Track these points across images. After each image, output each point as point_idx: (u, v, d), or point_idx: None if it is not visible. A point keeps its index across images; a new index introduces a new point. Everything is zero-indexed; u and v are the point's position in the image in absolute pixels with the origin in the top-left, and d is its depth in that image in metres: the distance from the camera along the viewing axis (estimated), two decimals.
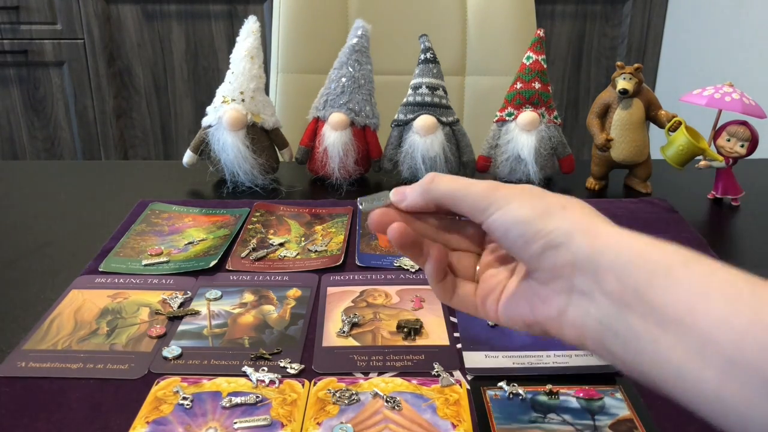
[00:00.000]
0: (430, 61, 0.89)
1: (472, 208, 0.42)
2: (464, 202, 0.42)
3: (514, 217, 0.40)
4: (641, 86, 0.86)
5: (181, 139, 2.25)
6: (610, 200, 0.86)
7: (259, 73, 0.89)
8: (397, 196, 0.45)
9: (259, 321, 0.61)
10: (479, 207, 0.41)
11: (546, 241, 0.39)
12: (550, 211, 0.40)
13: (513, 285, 0.43)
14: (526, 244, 0.40)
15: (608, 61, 2.21)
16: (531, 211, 0.40)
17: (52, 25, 2.07)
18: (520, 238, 0.40)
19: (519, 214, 0.40)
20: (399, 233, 0.43)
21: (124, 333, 0.59)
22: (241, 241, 0.75)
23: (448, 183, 0.43)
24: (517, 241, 0.40)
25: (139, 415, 0.49)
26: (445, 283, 0.46)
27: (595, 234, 0.38)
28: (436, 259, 0.45)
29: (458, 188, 0.42)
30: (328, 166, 0.89)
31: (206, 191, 0.90)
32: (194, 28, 2.11)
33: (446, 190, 0.43)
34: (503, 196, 0.41)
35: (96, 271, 0.68)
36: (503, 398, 0.51)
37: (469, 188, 0.42)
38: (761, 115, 0.81)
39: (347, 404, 0.50)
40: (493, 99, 1.18)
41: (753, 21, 1.68)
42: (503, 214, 0.40)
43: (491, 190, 0.41)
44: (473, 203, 0.42)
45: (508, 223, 0.40)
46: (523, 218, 0.40)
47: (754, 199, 0.87)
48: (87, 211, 0.84)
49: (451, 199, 0.43)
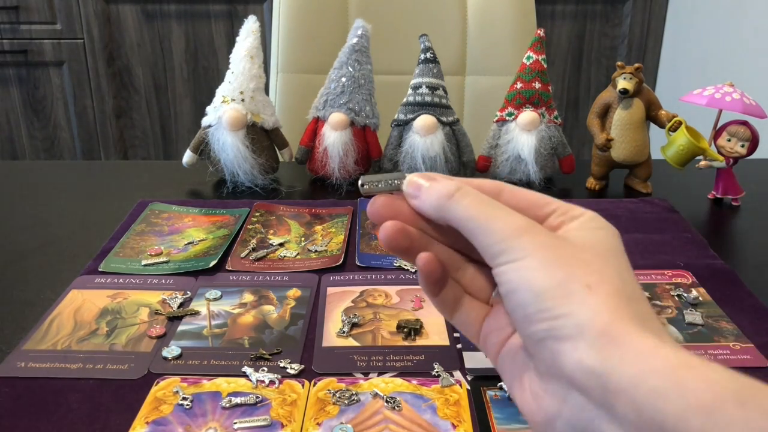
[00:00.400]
0: (430, 61, 0.89)
1: (484, 248, 0.33)
2: (478, 238, 0.33)
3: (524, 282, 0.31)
4: (641, 86, 0.86)
5: (181, 139, 2.25)
6: (610, 200, 0.86)
7: (259, 73, 0.89)
8: (411, 188, 0.36)
9: (259, 321, 0.61)
10: (491, 251, 0.33)
11: (549, 326, 0.30)
12: (568, 287, 0.30)
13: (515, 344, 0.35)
14: (525, 320, 0.31)
15: (608, 61, 2.21)
16: (545, 280, 0.31)
17: (52, 25, 2.07)
18: (522, 309, 0.31)
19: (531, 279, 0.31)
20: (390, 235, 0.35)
21: (123, 333, 0.59)
22: (241, 241, 0.75)
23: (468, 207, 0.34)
24: (517, 312, 0.32)
25: (139, 416, 0.49)
26: (445, 297, 0.37)
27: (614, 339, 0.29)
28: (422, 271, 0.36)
29: (477, 217, 0.33)
30: (328, 166, 0.89)
31: (206, 191, 0.90)
32: (194, 28, 2.11)
33: (463, 216, 0.34)
34: (523, 247, 0.32)
35: (96, 271, 0.68)
36: (503, 398, 0.51)
37: (489, 223, 0.33)
38: (761, 115, 0.81)
39: (347, 404, 0.50)
40: (493, 99, 1.19)
41: (753, 21, 1.68)
42: (511, 270, 0.32)
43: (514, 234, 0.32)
44: (487, 243, 0.33)
45: (515, 285, 0.32)
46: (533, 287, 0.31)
47: (754, 199, 0.87)
48: (87, 211, 0.84)
49: (466, 229, 0.34)
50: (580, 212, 0.35)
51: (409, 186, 0.36)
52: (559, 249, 0.32)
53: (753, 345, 0.57)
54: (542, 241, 0.32)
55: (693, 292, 0.63)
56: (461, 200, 0.34)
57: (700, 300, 0.63)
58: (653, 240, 0.75)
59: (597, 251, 0.33)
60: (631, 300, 0.31)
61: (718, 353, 0.56)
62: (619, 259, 0.33)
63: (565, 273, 0.31)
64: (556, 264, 0.31)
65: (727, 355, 0.55)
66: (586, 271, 0.31)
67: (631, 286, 0.32)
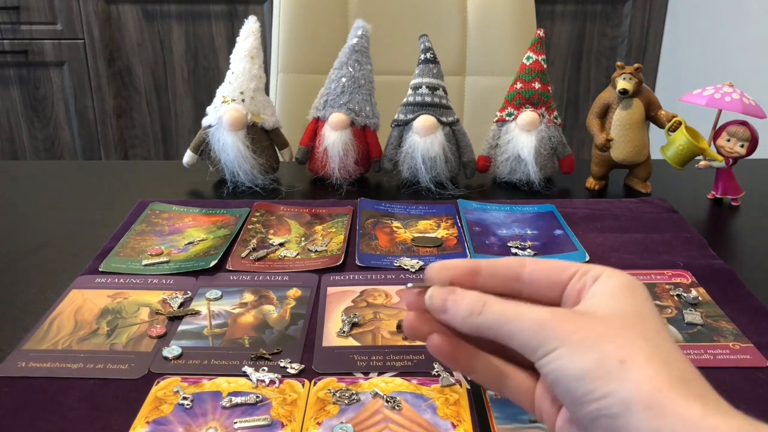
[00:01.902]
0: (430, 61, 0.89)
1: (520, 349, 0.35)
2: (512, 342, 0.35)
3: (562, 371, 0.33)
4: (641, 86, 0.86)
5: (181, 139, 2.25)
6: (610, 200, 0.86)
7: (259, 73, 0.89)
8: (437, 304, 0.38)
9: (259, 321, 0.61)
10: (526, 349, 0.35)
11: (597, 407, 0.32)
12: (605, 367, 0.32)
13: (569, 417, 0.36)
14: (575, 403, 0.33)
15: (608, 61, 2.21)
16: (582, 365, 0.32)
17: (52, 25, 2.07)
18: (569, 395, 0.33)
19: (568, 367, 0.33)
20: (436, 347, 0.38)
21: (124, 333, 0.59)
22: (241, 241, 0.75)
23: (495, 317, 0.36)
24: (566, 398, 0.34)
25: (139, 415, 0.49)
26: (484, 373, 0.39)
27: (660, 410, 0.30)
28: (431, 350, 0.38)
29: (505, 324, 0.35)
30: (328, 166, 0.89)
31: (206, 191, 0.90)
32: (194, 28, 2.11)
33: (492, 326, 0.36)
34: (555, 336, 0.34)
35: (96, 271, 0.68)
36: (503, 398, 0.51)
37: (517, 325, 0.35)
38: (761, 115, 0.81)
39: (347, 404, 0.50)
40: (493, 99, 1.19)
41: (753, 21, 1.68)
42: (549, 362, 0.34)
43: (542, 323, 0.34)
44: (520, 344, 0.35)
45: (556, 375, 0.33)
46: (572, 375, 0.32)
47: (754, 199, 0.87)
48: (87, 211, 0.84)
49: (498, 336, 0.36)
50: (599, 272, 0.37)
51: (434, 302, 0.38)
52: (585, 330, 0.34)
53: (752, 345, 0.57)
54: (569, 328, 0.34)
55: (693, 292, 0.64)
56: (487, 314, 0.36)
57: (700, 300, 0.63)
58: (653, 240, 0.75)
59: (623, 322, 0.34)
60: (667, 364, 0.32)
61: (718, 353, 0.56)
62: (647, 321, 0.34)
63: (597, 353, 0.32)
64: (586, 346, 0.33)
65: (726, 354, 0.56)
66: (616, 346, 0.32)
67: (666, 348, 0.33)
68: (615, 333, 0.33)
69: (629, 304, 0.35)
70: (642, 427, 0.30)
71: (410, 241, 0.75)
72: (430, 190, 0.88)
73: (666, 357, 0.32)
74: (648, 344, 0.32)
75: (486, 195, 0.89)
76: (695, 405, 0.30)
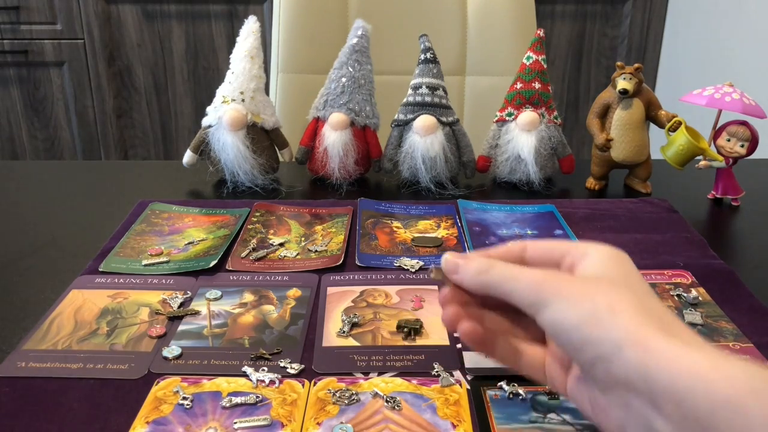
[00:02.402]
0: (430, 61, 0.89)
1: (520, 304, 0.40)
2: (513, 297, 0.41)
3: (561, 322, 0.38)
4: (641, 86, 0.86)
5: (181, 139, 2.25)
6: (610, 200, 0.86)
7: (259, 73, 0.89)
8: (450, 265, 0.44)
9: (259, 321, 0.61)
10: (526, 304, 0.40)
11: (595, 353, 0.36)
12: (597, 316, 0.37)
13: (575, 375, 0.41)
14: (575, 351, 0.38)
15: (608, 61, 2.21)
16: (577, 315, 0.37)
17: (52, 25, 2.07)
18: (569, 344, 0.38)
19: (565, 318, 0.38)
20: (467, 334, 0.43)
21: (124, 333, 0.59)
22: (241, 241, 0.75)
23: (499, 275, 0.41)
24: (567, 347, 0.39)
25: (139, 415, 0.49)
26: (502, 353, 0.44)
27: (645, 347, 0.35)
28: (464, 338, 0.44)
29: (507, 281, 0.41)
30: (328, 166, 0.89)
31: (206, 191, 0.90)
32: (194, 28, 2.11)
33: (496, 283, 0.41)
34: (551, 292, 0.39)
35: (96, 271, 0.68)
36: (503, 398, 0.51)
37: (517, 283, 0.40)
38: (761, 115, 0.81)
39: (347, 404, 0.50)
40: (493, 99, 1.19)
41: (753, 21, 1.68)
42: (550, 316, 0.38)
43: (539, 282, 0.39)
44: (520, 299, 0.40)
45: (555, 326, 0.38)
46: (569, 324, 0.37)
47: (754, 199, 0.87)
48: (87, 211, 0.84)
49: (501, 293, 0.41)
50: (587, 247, 0.42)
51: (447, 263, 0.44)
52: (578, 286, 0.39)
53: (752, 345, 0.57)
54: (564, 285, 0.39)
55: (693, 292, 0.64)
56: (493, 273, 0.42)
57: (700, 300, 0.63)
58: (653, 240, 0.75)
59: (611, 281, 0.39)
60: (651, 312, 0.37)
61: None
62: (632, 282, 0.40)
63: (590, 303, 0.37)
64: (580, 299, 0.38)
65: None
66: (606, 298, 0.37)
67: (649, 302, 0.38)
68: (605, 288, 0.38)
69: (616, 269, 0.41)
70: (631, 364, 0.35)
71: (410, 241, 0.75)
72: (430, 190, 0.88)
73: (650, 307, 0.37)
74: (633, 297, 0.38)
75: (486, 195, 0.89)
76: (677, 344, 0.34)
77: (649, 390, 0.34)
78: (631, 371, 0.35)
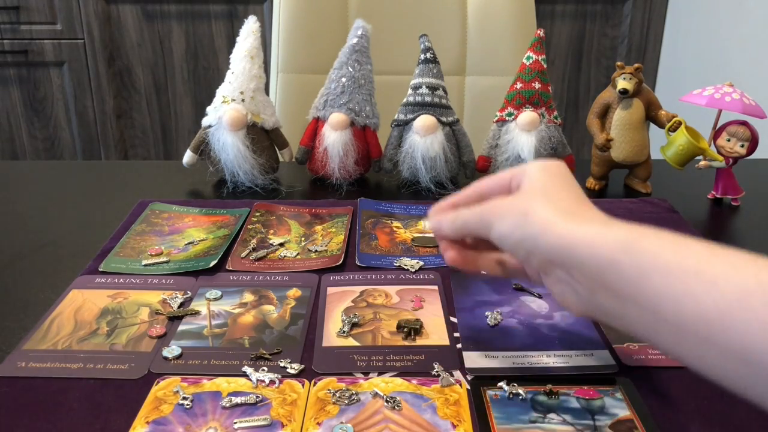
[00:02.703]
0: (430, 61, 0.89)
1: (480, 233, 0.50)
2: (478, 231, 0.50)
3: (500, 235, 0.47)
4: (641, 86, 0.86)
5: (181, 139, 2.25)
6: (610, 200, 0.86)
7: (259, 73, 0.89)
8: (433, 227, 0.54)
9: (259, 321, 0.61)
10: (482, 229, 0.49)
11: (525, 249, 0.46)
12: (517, 223, 0.46)
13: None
14: (516, 252, 0.47)
15: (608, 61, 2.21)
16: (507, 226, 0.47)
17: (52, 25, 2.07)
18: (512, 249, 0.48)
19: (502, 231, 0.47)
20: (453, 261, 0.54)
21: (124, 333, 0.59)
22: (241, 241, 0.75)
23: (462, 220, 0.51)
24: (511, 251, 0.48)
25: (139, 415, 0.49)
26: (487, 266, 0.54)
27: (553, 232, 0.44)
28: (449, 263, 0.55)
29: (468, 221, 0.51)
30: (328, 166, 0.89)
31: (206, 191, 0.90)
32: (194, 28, 2.11)
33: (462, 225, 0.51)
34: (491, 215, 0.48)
35: (96, 271, 0.68)
36: (503, 398, 0.51)
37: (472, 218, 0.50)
38: (761, 115, 0.81)
39: (347, 404, 0.50)
40: (493, 99, 1.18)
41: (753, 21, 1.68)
42: (494, 233, 0.48)
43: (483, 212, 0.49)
44: (478, 229, 0.50)
45: (499, 240, 0.48)
46: (505, 234, 0.47)
47: (754, 199, 0.87)
48: (87, 211, 0.84)
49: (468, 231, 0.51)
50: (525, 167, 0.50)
51: (432, 227, 0.55)
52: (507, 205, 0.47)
53: None
54: (497, 209, 0.48)
55: None
56: (458, 219, 0.52)
57: None
58: None
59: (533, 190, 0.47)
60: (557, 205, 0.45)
61: None
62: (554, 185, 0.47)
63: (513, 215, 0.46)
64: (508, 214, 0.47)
65: None
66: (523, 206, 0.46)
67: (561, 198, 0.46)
68: (525, 198, 0.47)
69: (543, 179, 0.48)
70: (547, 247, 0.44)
71: (410, 241, 0.75)
72: (430, 190, 0.88)
73: (557, 201, 0.45)
74: (545, 197, 0.46)
75: None
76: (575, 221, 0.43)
77: (562, 263, 0.44)
78: (549, 252, 0.44)
